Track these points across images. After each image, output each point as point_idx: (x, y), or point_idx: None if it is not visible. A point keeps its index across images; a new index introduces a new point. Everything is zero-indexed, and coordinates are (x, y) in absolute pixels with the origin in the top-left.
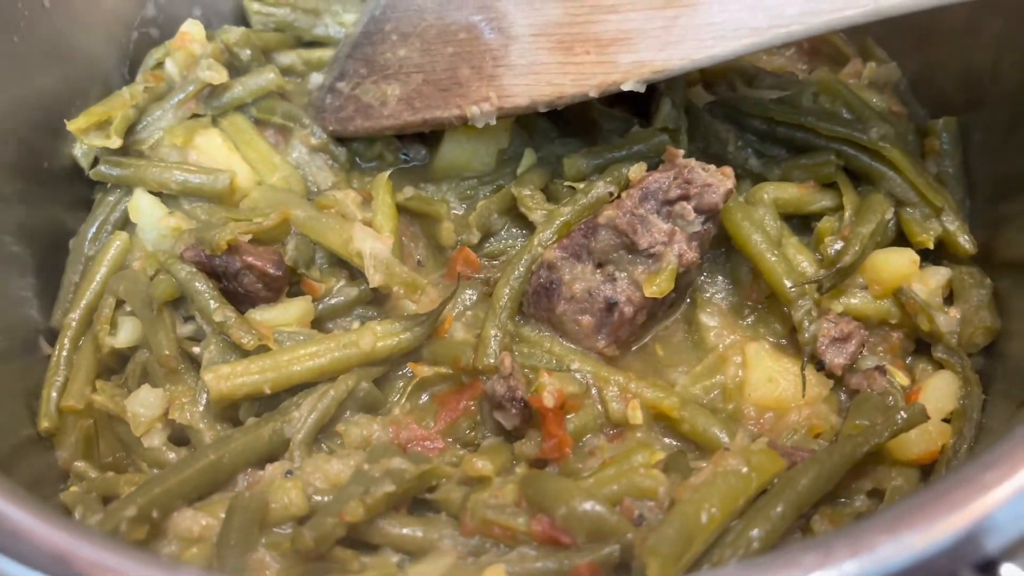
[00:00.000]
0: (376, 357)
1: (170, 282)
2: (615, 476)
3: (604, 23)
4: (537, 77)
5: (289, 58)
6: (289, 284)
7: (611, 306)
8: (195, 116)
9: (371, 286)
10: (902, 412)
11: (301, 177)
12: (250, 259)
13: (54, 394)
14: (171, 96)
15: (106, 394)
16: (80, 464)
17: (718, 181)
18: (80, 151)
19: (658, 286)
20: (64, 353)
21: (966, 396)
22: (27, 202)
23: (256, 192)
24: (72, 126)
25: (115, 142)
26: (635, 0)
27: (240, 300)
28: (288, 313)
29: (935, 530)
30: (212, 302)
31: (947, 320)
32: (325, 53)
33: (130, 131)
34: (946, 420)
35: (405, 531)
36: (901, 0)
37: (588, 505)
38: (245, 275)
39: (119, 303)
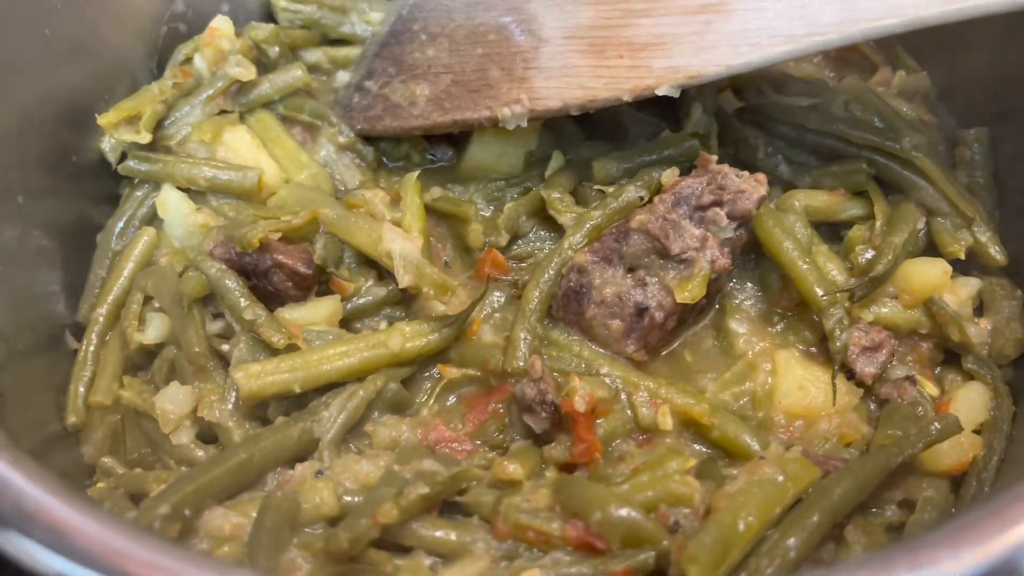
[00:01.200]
0: (404, 358)
1: (200, 279)
2: (650, 482)
3: (637, 27)
4: (569, 80)
5: (315, 56)
6: (318, 283)
7: (641, 311)
8: (223, 112)
9: (400, 286)
10: (936, 423)
11: (329, 176)
12: (280, 257)
13: (81, 389)
14: (199, 92)
15: (134, 390)
16: (107, 460)
17: (751, 187)
18: (108, 145)
19: (690, 292)
20: (91, 348)
21: (996, 408)
22: (55, 196)
23: (284, 190)
24: (102, 120)
25: (144, 137)
26: (668, 5)
27: (269, 298)
28: (317, 312)
29: (995, 545)
30: (242, 300)
31: (978, 331)
32: (352, 51)
33: (158, 126)
34: (976, 431)
35: (438, 534)
36: (939, 10)
37: (624, 511)
38: (275, 273)
39: (147, 299)
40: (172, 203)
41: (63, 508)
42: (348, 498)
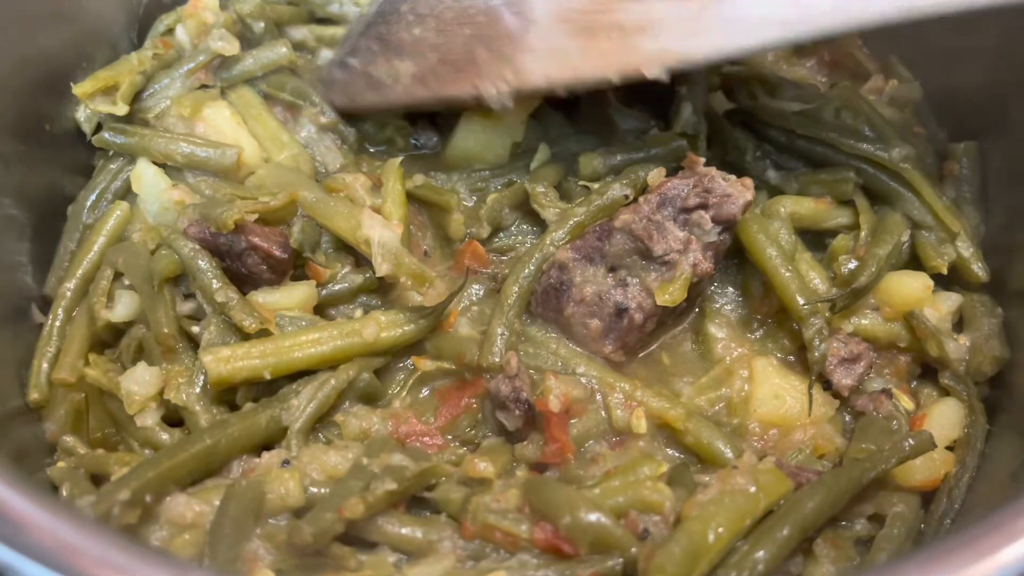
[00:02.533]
0: (379, 348)
1: (172, 258)
2: (621, 488)
3: (628, 11)
4: (558, 61)
5: (301, 33)
6: (293, 267)
7: (621, 312)
8: (204, 87)
9: (377, 275)
10: (910, 439)
11: (309, 157)
12: (256, 240)
13: (45, 365)
14: (180, 65)
15: (99, 369)
16: (69, 439)
17: (738, 192)
18: (83, 115)
19: (670, 295)
20: (57, 323)
21: (971, 425)
22: (26, 164)
23: (263, 170)
24: (78, 90)
25: (121, 109)
26: None
27: (243, 281)
28: (291, 297)
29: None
30: (215, 281)
31: (956, 347)
32: (338, 31)
33: (136, 98)
34: (949, 448)
35: (404, 531)
36: (936, 1)
37: (593, 516)
38: (249, 256)
39: (117, 275)
40: (147, 178)
41: (17, 499)
42: (314, 489)
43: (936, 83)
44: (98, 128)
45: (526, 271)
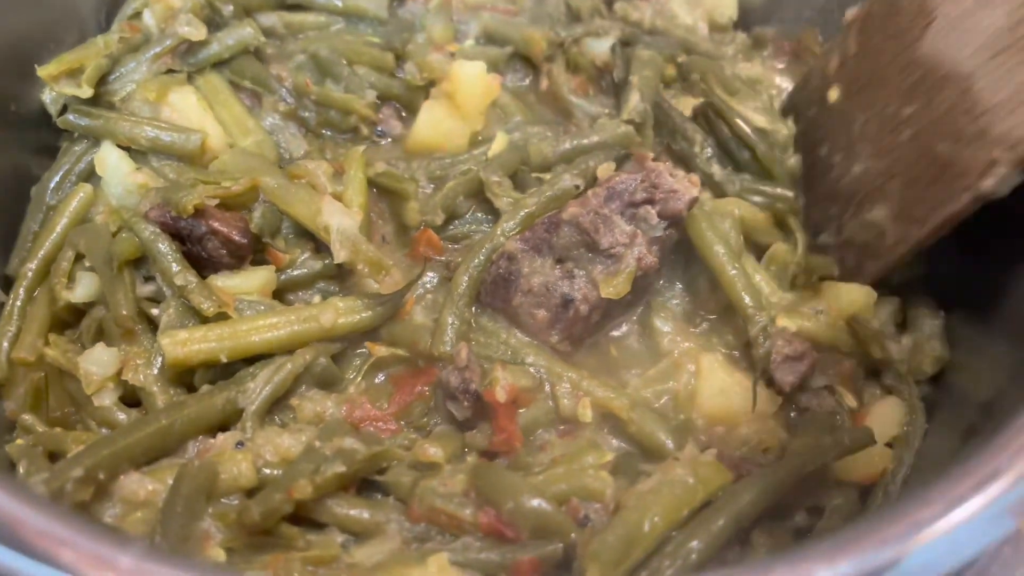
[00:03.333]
0: (336, 333)
1: (133, 241)
2: (564, 475)
3: None
4: None
5: (271, 19)
6: (253, 252)
7: (567, 303)
8: (170, 71)
9: (336, 261)
10: (849, 434)
11: (274, 143)
12: (216, 224)
13: (5, 344)
14: (147, 49)
15: (59, 348)
16: (27, 417)
17: (684, 188)
18: (49, 97)
19: (615, 287)
20: (18, 303)
21: (910, 423)
22: None
23: (227, 155)
24: (43, 72)
25: (86, 91)
26: None
27: (203, 265)
28: (250, 281)
29: (868, 563)
30: (174, 265)
31: (898, 348)
32: (307, 17)
33: (102, 81)
34: (888, 444)
35: (352, 512)
36: None
37: (535, 502)
38: (210, 240)
39: (79, 257)
40: (111, 161)
41: None
42: (267, 471)
43: None
44: (64, 110)
45: (476, 261)
